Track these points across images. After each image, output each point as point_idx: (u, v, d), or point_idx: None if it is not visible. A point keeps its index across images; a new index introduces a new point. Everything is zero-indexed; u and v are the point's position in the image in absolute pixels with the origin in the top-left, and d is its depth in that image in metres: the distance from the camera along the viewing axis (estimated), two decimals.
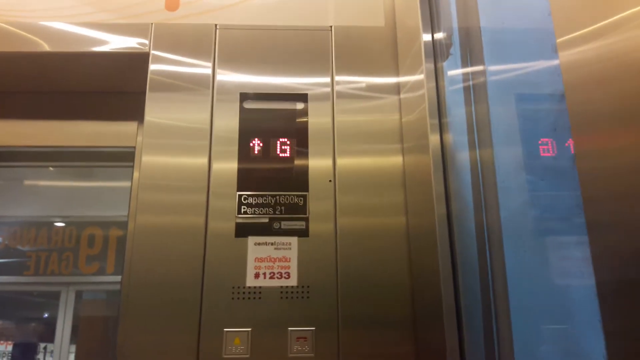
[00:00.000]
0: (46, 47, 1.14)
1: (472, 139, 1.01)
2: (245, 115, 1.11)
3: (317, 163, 1.09)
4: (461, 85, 1.06)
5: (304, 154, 1.09)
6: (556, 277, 0.94)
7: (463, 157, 1.01)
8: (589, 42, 0.55)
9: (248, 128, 1.10)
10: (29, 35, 1.15)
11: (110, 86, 1.27)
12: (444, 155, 0.99)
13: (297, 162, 1.08)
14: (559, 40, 0.60)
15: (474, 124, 1.02)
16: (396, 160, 1.10)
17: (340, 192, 1.06)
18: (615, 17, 0.51)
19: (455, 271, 0.89)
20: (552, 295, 0.91)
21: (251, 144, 1.08)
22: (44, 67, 1.20)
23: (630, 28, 0.49)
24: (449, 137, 1.02)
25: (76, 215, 3.15)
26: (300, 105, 1.12)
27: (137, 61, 1.14)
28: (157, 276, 0.98)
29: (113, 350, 1.16)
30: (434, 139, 0.97)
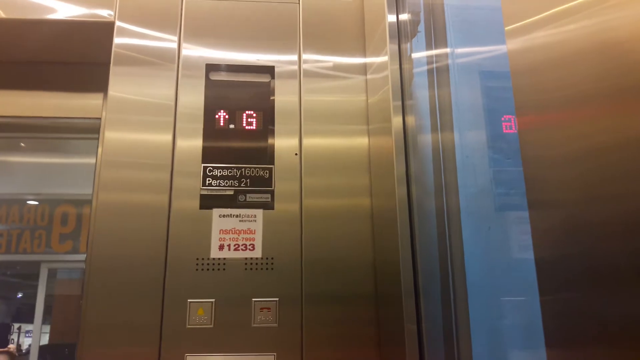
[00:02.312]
0: (1, 14, 1.11)
1: (434, 121, 1.02)
2: (211, 87, 1.09)
3: (283, 139, 1.08)
4: (426, 67, 1.06)
5: (271, 129, 1.08)
6: (516, 253, 0.96)
7: (425, 139, 1.02)
8: (535, 30, 0.58)
9: (214, 100, 1.09)
10: None
11: (76, 56, 1.23)
12: (406, 137, 1.00)
13: (263, 135, 1.08)
14: (507, 28, 0.63)
15: (437, 106, 1.02)
16: (362, 141, 1.10)
17: (305, 173, 1.06)
18: (559, 8, 0.53)
19: (414, 252, 0.91)
20: (511, 270, 0.93)
21: (217, 116, 1.07)
22: (3, 34, 1.16)
23: (573, 20, 0.51)
24: (412, 120, 1.02)
25: (48, 192, 3.10)
26: (266, 79, 1.11)
27: (102, 31, 1.12)
28: (120, 253, 0.98)
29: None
30: (397, 121, 0.98)
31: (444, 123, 0.97)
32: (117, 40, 1.11)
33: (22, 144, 2.08)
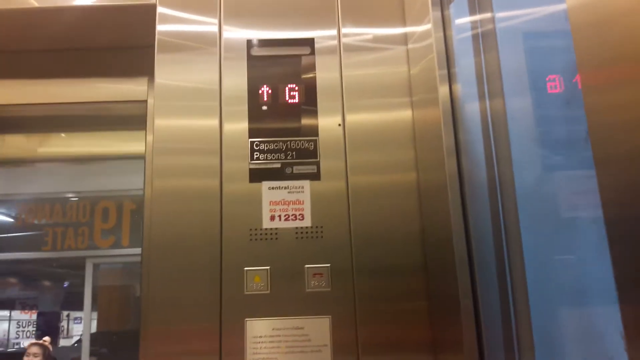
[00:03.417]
0: (35, 4, 1.15)
1: (482, 89, 1.00)
2: (253, 64, 1.12)
3: (326, 112, 1.10)
4: (469, 33, 1.05)
5: (313, 102, 1.10)
6: (570, 213, 0.95)
7: (473, 108, 1.01)
8: None
9: (256, 76, 1.11)
10: None
11: (116, 41, 1.27)
12: (454, 107, 0.99)
13: (306, 108, 1.10)
14: None
15: (484, 73, 1.01)
16: (406, 114, 1.10)
17: (350, 149, 1.08)
18: None
19: (467, 225, 0.91)
20: (567, 245, 0.92)
21: (260, 91, 1.10)
22: (35, 23, 1.20)
23: None
24: (459, 89, 1.01)
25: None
26: (307, 51, 1.13)
27: (144, 15, 1.15)
28: (177, 234, 1.02)
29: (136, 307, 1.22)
30: (443, 90, 0.97)
31: (493, 90, 0.96)
32: (159, 27, 1.13)
33: (63, 135, 2.16)
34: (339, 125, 1.09)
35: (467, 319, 0.88)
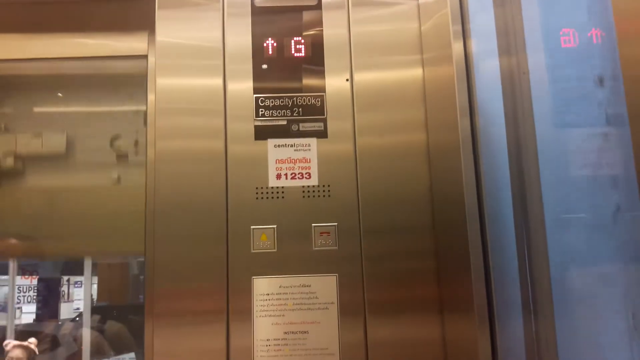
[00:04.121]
0: None
1: (502, 44, 0.96)
2: (257, 15, 1.07)
3: (333, 67, 1.07)
4: None
5: (320, 56, 1.07)
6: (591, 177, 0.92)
7: (490, 66, 0.98)
8: None
9: (261, 29, 1.06)
10: None
11: None
12: (468, 65, 0.96)
13: (313, 62, 1.06)
14: None
15: (506, 27, 0.96)
16: (416, 72, 1.06)
17: (358, 109, 1.04)
18: None
19: (479, 184, 0.89)
20: (586, 203, 0.90)
21: (265, 44, 1.06)
22: None
23: None
24: (474, 45, 0.97)
25: None
26: (313, 2, 1.08)
27: None
28: (182, 194, 1.00)
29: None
30: (457, 47, 0.94)
31: (514, 45, 0.93)
32: None
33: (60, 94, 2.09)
34: (347, 80, 1.06)
35: (477, 277, 0.87)
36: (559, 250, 0.83)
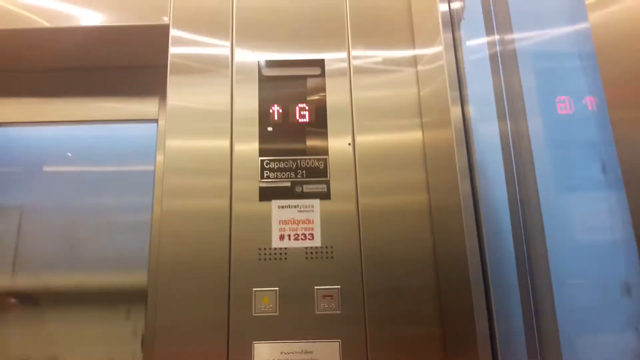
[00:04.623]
0: (47, 24, 1.16)
1: (500, 109, 1.00)
2: (264, 83, 1.13)
3: (336, 131, 1.10)
4: (482, 55, 1.05)
5: (324, 121, 1.10)
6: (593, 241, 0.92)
7: (488, 129, 1.01)
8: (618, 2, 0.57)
9: (267, 95, 1.12)
10: (24, 12, 1.17)
11: (127, 61, 1.29)
12: (466, 128, 0.99)
13: (316, 127, 1.10)
14: (588, 2, 0.62)
15: (503, 93, 1.01)
16: (416, 135, 1.10)
17: (360, 170, 1.07)
18: None
19: (481, 247, 0.89)
20: (591, 268, 0.89)
21: (271, 111, 1.10)
22: (46, 42, 1.21)
23: None
24: (471, 110, 1.01)
25: None
26: (317, 72, 1.14)
27: (156, 36, 1.16)
28: (186, 254, 1.01)
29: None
30: (456, 111, 0.97)
31: (512, 110, 0.96)
32: (172, 49, 1.15)
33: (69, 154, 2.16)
34: (349, 144, 1.09)
35: (483, 345, 0.85)
36: (568, 313, 0.81)
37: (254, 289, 0.99)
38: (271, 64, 1.14)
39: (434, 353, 0.96)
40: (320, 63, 1.14)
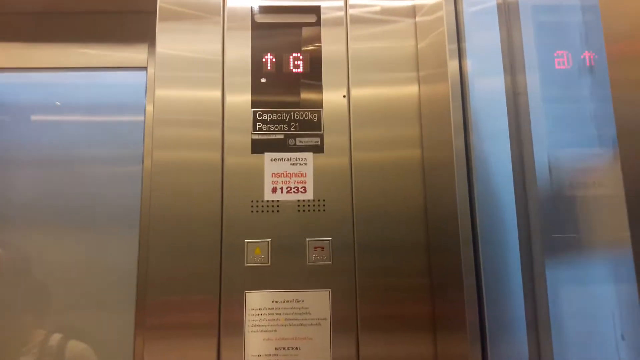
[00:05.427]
0: None
1: (500, 64, 0.97)
2: (257, 31, 1.08)
3: (331, 83, 1.08)
4: (483, 6, 1.02)
5: (318, 73, 1.08)
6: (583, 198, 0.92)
7: (486, 84, 0.99)
8: None
9: (260, 44, 1.08)
10: None
11: (114, 5, 1.23)
12: (463, 83, 0.97)
13: (311, 78, 1.07)
14: None
15: (503, 47, 0.98)
16: (412, 89, 1.08)
17: (354, 124, 1.05)
18: None
19: (472, 203, 0.90)
20: (581, 223, 0.90)
21: (264, 60, 1.07)
22: None
23: None
24: (469, 64, 0.99)
25: None
26: (312, 19, 1.10)
27: None
28: (178, 206, 1.00)
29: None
30: (453, 65, 0.95)
31: (512, 64, 0.94)
32: None
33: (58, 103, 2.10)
34: (344, 96, 1.07)
35: (469, 296, 0.87)
36: (556, 269, 0.84)
37: (246, 240, 1.00)
38: (264, 9, 1.10)
39: (422, 302, 0.99)
40: (315, 10, 1.10)
